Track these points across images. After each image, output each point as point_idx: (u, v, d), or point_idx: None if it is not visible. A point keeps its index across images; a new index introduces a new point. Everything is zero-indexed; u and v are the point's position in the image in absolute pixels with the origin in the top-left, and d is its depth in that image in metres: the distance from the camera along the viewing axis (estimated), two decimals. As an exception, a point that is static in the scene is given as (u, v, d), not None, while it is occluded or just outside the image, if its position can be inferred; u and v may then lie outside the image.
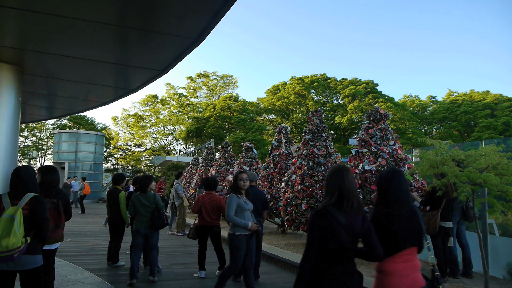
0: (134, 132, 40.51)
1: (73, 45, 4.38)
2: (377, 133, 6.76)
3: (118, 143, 41.41)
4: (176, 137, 40.71)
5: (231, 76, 40.39)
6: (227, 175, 12.85)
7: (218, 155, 15.54)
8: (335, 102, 36.13)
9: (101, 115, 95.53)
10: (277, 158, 10.38)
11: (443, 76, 64.22)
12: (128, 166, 41.32)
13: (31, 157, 37.42)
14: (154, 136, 41.11)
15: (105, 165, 37.55)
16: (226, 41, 72.64)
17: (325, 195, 2.53)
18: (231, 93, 38.86)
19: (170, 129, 40.94)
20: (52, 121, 37.14)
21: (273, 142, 10.93)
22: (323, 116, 9.06)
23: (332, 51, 69.87)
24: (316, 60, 68.70)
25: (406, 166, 6.42)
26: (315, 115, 8.96)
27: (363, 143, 6.85)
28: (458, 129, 33.11)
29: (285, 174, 9.30)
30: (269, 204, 9.57)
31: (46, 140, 38.75)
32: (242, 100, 36.30)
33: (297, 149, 8.99)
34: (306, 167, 8.41)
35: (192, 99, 41.22)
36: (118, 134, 41.70)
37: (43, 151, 39.03)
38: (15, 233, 3.06)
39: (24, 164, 4.77)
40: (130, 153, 41.65)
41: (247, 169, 11.83)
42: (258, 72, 74.54)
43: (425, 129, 35.90)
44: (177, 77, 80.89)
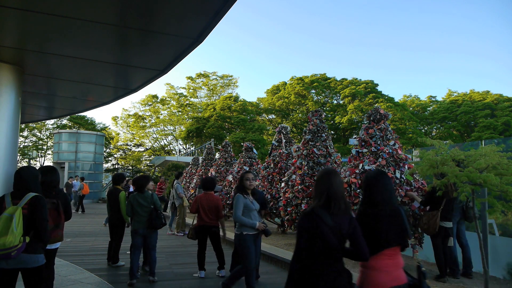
0: (134, 132, 40.51)
1: (73, 45, 4.38)
2: (377, 133, 6.76)
3: (118, 143, 41.42)
4: (176, 137, 40.71)
5: (231, 76, 40.43)
6: (227, 175, 12.85)
7: (218, 155, 15.53)
8: (335, 102, 36.13)
9: (101, 115, 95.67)
10: (277, 158, 10.37)
11: (443, 76, 64.31)
12: (128, 166, 41.29)
13: (31, 157, 37.40)
14: (154, 136, 41.13)
15: (105, 165, 37.56)
16: (226, 41, 72.74)
17: (314, 198, 2.63)
18: (231, 93, 38.85)
19: (170, 129, 40.96)
20: (52, 121, 37.17)
21: (273, 142, 10.92)
22: (323, 116, 9.06)
23: (332, 51, 69.97)
24: (316, 60, 68.80)
25: (406, 166, 6.41)
26: (315, 115, 8.96)
27: (363, 143, 6.85)
28: (458, 129, 33.11)
29: (285, 174, 9.30)
30: (269, 204, 9.58)
31: (46, 140, 38.76)
32: (242, 100, 36.29)
33: (297, 149, 8.99)
34: (306, 167, 8.41)
35: (192, 99, 41.22)
36: (118, 134, 41.74)
37: (43, 151, 39.04)
38: (13, 232, 3.10)
39: (27, 165, 4.79)
40: (130, 153, 41.65)
41: (247, 169, 11.84)
42: (258, 72, 74.63)
43: (425, 129, 35.90)
44: (177, 77, 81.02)
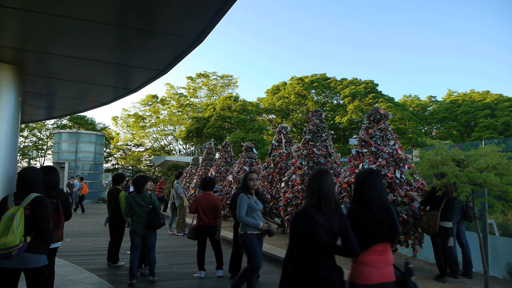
0: (134, 132, 40.51)
1: (73, 45, 4.38)
2: (377, 133, 6.76)
3: (118, 143, 41.40)
4: (176, 137, 40.70)
5: (231, 76, 40.40)
6: (227, 175, 12.84)
7: (218, 155, 15.53)
8: (335, 102, 36.13)
9: (101, 115, 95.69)
10: (277, 158, 10.37)
11: (443, 76, 64.28)
12: (128, 166, 41.28)
13: (31, 157, 37.38)
14: (154, 136, 41.13)
15: (105, 165, 37.54)
16: (226, 41, 72.73)
17: (305, 197, 2.73)
18: (231, 93, 38.84)
19: (170, 129, 40.95)
20: (52, 121, 37.16)
21: (273, 142, 10.92)
22: (323, 116, 9.06)
23: (332, 51, 69.96)
24: (316, 60, 68.79)
25: (406, 166, 6.41)
26: (315, 115, 8.96)
27: (363, 143, 6.85)
28: (458, 129, 33.11)
29: (285, 174, 9.30)
30: (269, 204, 9.58)
31: (46, 140, 38.75)
32: (242, 100, 36.28)
33: (297, 149, 8.99)
34: (306, 167, 8.40)
35: (192, 99, 41.21)
36: (118, 134, 41.73)
37: (43, 151, 39.03)
38: (13, 232, 3.12)
39: (31, 165, 4.81)
40: (130, 153, 41.64)
41: (247, 169, 11.84)
42: (258, 72, 74.63)
43: (425, 129, 35.89)
44: (177, 77, 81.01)
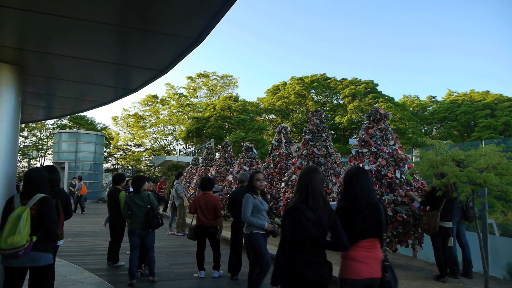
0: (134, 132, 40.51)
1: (73, 45, 4.38)
2: (377, 133, 6.76)
3: (118, 143, 41.41)
4: (176, 137, 40.70)
5: (231, 76, 40.40)
6: (227, 175, 12.84)
7: (218, 155, 15.52)
8: (335, 102, 36.13)
9: (101, 115, 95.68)
10: (277, 158, 10.37)
11: (443, 76, 64.27)
12: (128, 166, 41.30)
13: (31, 157, 37.38)
14: (154, 136, 41.13)
15: (105, 165, 37.53)
16: (226, 41, 72.74)
17: (295, 193, 2.85)
18: (231, 93, 38.83)
19: (170, 129, 40.95)
20: (52, 121, 37.17)
21: (273, 142, 10.92)
22: (323, 116, 9.06)
23: (332, 51, 69.96)
24: (316, 60, 68.80)
25: (406, 166, 6.41)
26: (315, 115, 8.95)
27: (363, 143, 6.85)
28: (458, 129, 33.11)
29: (285, 174, 9.30)
30: (269, 204, 9.57)
31: (46, 140, 38.76)
32: (242, 100, 36.27)
33: (297, 149, 8.99)
34: (306, 167, 8.40)
35: (192, 99, 41.21)
36: (118, 134, 41.73)
37: (43, 151, 39.03)
38: (20, 232, 3.17)
39: (37, 166, 4.83)
40: (130, 153, 41.65)
41: (247, 169, 11.83)
42: (258, 72, 74.63)
43: (425, 129, 35.89)
44: (177, 77, 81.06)
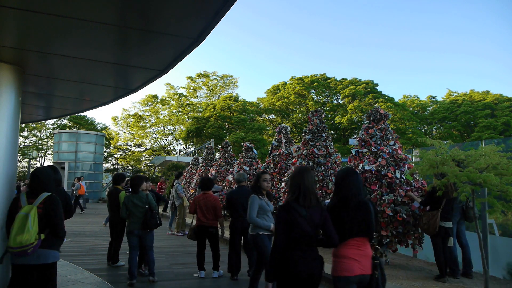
0: (134, 132, 40.50)
1: (73, 45, 4.38)
2: (377, 133, 6.75)
3: (118, 143, 41.42)
4: (176, 137, 40.70)
5: (231, 76, 40.40)
6: (227, 175, 12.84)
7: (218, 155, 15.52)
8: (335, 102, 36.12)
9: (101, 115, 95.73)
10: (277, 158, 10.37)
11: (443, 76, 64.26)
12: (128, 166, 41.31)
13: (31, 157, 37.37)
14: (154, 136, 41.13)
15: (105, 165, 37.55)
16: (226, 41, 72.74)
17: (288, 192, 2.97)
18: (231, 93, 38.83)
19: (170, 129, 40.95)
20: (52, 121, 37.19)
21: (273, 142, 10.92)
22: (323, 116, 9.06)
23: (332, 51, 69.96)
24: (316, 60, 68.80)
25: (406, 166, 6.41)
26: (315, 115, 8.95)
27: (363, 143, 6.85)
28: (458, 129, 33.10)
29: (285, 174, 9.30)
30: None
31: (46, 140, 38.77)
32: (242, 100, 36.26)
33: (297, 149, 8.99)
34: (306, 167, 8.39)
35: (192, 99, 41.20)
36: (118, 134, 41.73)
37: (43, 151, 39.04)
38: (28, 230, 3.22)
39: (43, 165, 4.85)
40: (130, 153, 41.65)
41: (247, 169, 11.83)
42: (258, 72, 74.64)
43: (425, 129, 35.88)
44: (177, 77, 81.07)
